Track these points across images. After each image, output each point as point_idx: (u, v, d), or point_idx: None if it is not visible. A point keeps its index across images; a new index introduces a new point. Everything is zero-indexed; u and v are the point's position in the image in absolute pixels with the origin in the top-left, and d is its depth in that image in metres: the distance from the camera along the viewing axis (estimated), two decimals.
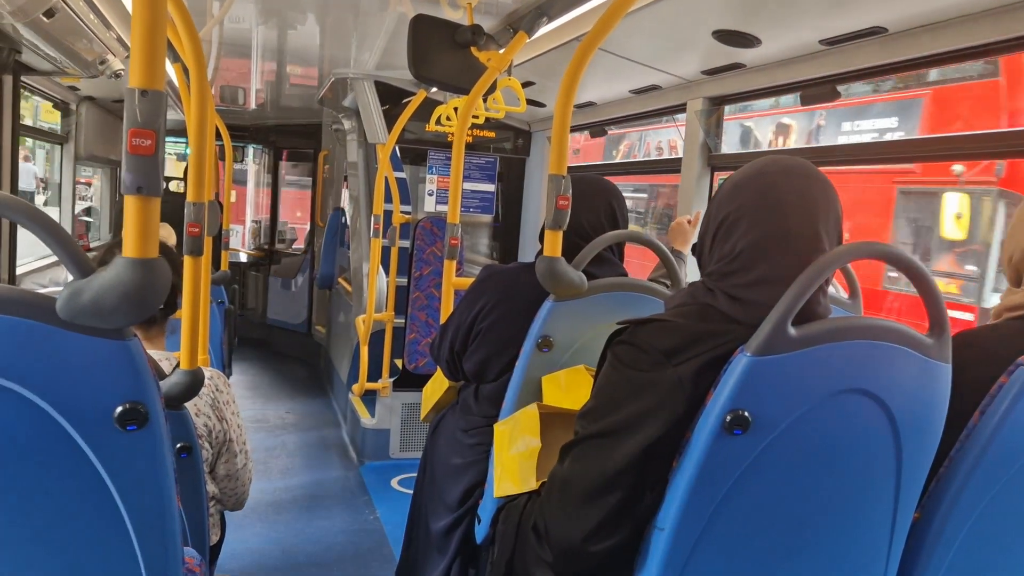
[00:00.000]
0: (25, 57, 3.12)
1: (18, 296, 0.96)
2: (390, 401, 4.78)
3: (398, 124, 4.33)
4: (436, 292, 4.71)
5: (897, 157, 4.32)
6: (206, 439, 2.08)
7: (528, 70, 3.94)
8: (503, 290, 2.11)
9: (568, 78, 1.89)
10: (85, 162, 5.75)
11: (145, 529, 1.08)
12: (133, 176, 0.99)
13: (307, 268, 8.01)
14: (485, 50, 2.83)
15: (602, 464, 1.24)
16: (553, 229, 1.88)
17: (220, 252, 4.69)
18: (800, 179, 1.26)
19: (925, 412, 1.24)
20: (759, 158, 1.33)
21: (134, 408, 1.00)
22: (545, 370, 1.92)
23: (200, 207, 1.91)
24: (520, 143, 5.73)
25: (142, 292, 0.97)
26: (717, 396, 1.16)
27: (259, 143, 9.03)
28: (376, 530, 3.84)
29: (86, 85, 4.85)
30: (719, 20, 2.63)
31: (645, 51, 3.22)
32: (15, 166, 3.38)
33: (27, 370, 0.96)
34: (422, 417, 2.60)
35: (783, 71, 2.86)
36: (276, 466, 4.71)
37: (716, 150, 3.40)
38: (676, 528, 1.21)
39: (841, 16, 2.36)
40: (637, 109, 4.06)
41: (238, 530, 3.62)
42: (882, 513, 1.27)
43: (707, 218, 1.37)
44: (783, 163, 1.29)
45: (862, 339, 1.18)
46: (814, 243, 1.23)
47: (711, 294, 1.29)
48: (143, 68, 0.98)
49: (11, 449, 0.99)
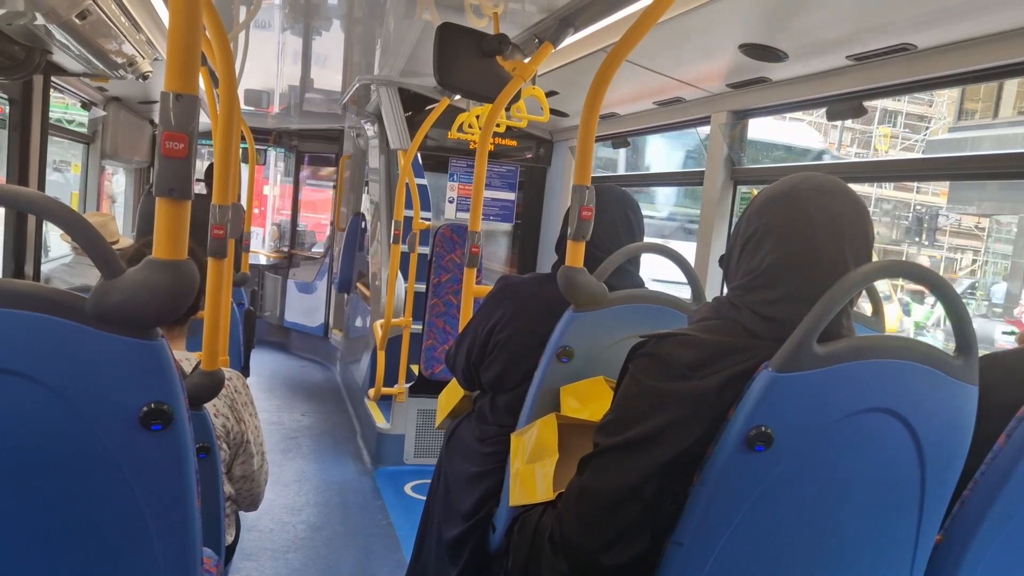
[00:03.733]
0: (56, 58, 3.16)
1: (47, 294, 0.97)
2: (406, 407, 4.78)
3: (421, 131, 4.34)
4: (454, 299, 4.72)
5: (933, 174, 4.29)
6: (224, 439, 2.09)
7: (551, 80, 3.95)
8: (520, 302, 2.11)
9: (594, 89, 1.89)
10: (111, 162, 5.81)
11: (166, 528, 1.08)
12: (165, 178, 1.00)
13: (326, 272, 8.05)
14: (510, 59, 2.84)
15: (621, 477, 1.24)
16: (576, 240, 1.88)
17: (240, 254, 4.72)
18: (830, 198, 1.25)
19: (951, 433, 1.22)
20: (792, 174, 1.33)
21: (159, 408, 1.01)
22: (564, 380, 1.92)
23: (225, 209, 1.93)
24: (542, 152, 5.74)
25: (172, 293, 0.98)
26: (739, 411, 1.16)
27: (281, 147, 9.09)
28: (389, 535, 3.83)
29: (114, 85, 4.90)
30: (746, 34, 2.62)
31: (670, 63, 3.22)
32: (43, 164, 3.42)
33: (55, 367, 0.97)
34: (437, 424, 2.60)
35: (809, 86, 2.85)
36: (290, 468, 4.72)
37: (739, 163, 3.39)
38: (694, 543, 1.21)
39: (869, 33, 2.35)
40: (660, 121, 4.05)
41: (252, 532, 3.63)
42: (904, 534, 1.26)
43: (736, 231, 1.36)
44: (815, 181, 1.28)
45: (888, 358, 1.17)
46: (838, 264, 1.22)
47: (735, 309, 1.28)
48: (178, 73, 0.99)
49: (37, 445, 0.99)
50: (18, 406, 0.97)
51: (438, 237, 4.71)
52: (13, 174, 3.29)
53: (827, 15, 2.33)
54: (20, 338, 0.96)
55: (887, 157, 18.96)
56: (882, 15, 2.22)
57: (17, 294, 0.96)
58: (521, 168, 5.78)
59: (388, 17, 3.60)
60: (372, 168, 6.00)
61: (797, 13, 2.38)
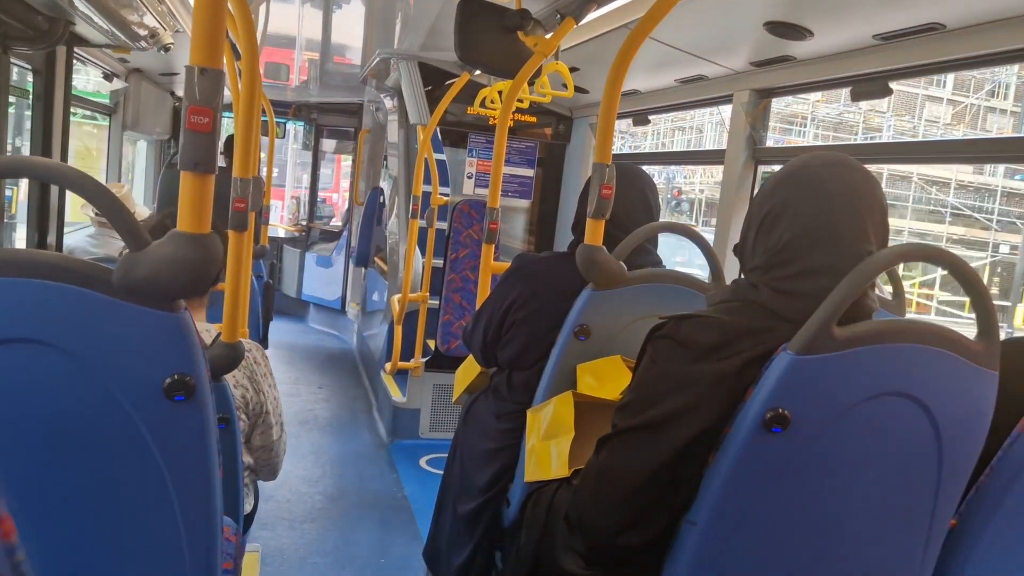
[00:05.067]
0: (78, 29, 3.17)
1: (75, 265, 0.99)
2: (422, 381, 4.81)
3: (440, 106, 4.33)
4: (471, 275, 4.72)
5: (945, 157, 4.23)
6: (243, 410, 2.12)
7: (573, 56, 3.91)
8: (537, 280, 2.11)
9: (616, 67, 1.87)
10: (132, 133, 5.84)
11: (188, 498, 1.11)
12: (190, 152, 1.00)
13: (344, 246, 8.08)
14: (532, 35, 2.81)
15: (639, 458, 1.25)
16: (595, 218, 1.87)
17: (259, 227, 4.74)
18: (844, 170, 1.26)
19: (969, 419, 1.22)
20: (801, 154, 1.33)
21: (182, 379, 1.03)
22: (581, 358, 1.92)
23: (247, 183, 1.94)
24: (561, 129, 5.70)
25: (196, 266, 0.99)
26: (757, 393, 1.16)
27: (300, 120, 9.10)
28: (404, 508, 3.87)
29: (136, 57, 4.91)
30: (771, 11, 2.58)
31: (693, 40, 3.18)
32: (66, 135, 3.44)
33: (82, 338, 0.99)
34: (454, 400, 2.62)
35: (834, 65, 2.81)
36: (307, 440, 4.77)
37: (761, 143, 3.35)
38: (709, 523, 1.22)
39: (897, 11, 2.31)
40: (682, 99, 4.02)
41: (268, 502, 3.68)
42: (919, 518, 1.26)
43: (749, 215, 1.36)
44: (825, 156, 1.29)
45: (908, 342, 1.17)
46: (859, 232, 1.22)
47: (755, 290, 1.28)
48: (203, 47, 0.99)
49: (63, 414, 1.01)
50: (45, 375, 0.99)
51: (456, 212, 4.70)
52: (37, 145, 3.32)
53: None
54: (48, 309, 0.97)
55: (911, 139, 18.37)
56: None
57: (44, 265, 0.97)
58: (540, 144, 5.76)
59: None
60: (391, 142, 5.99)
61: None
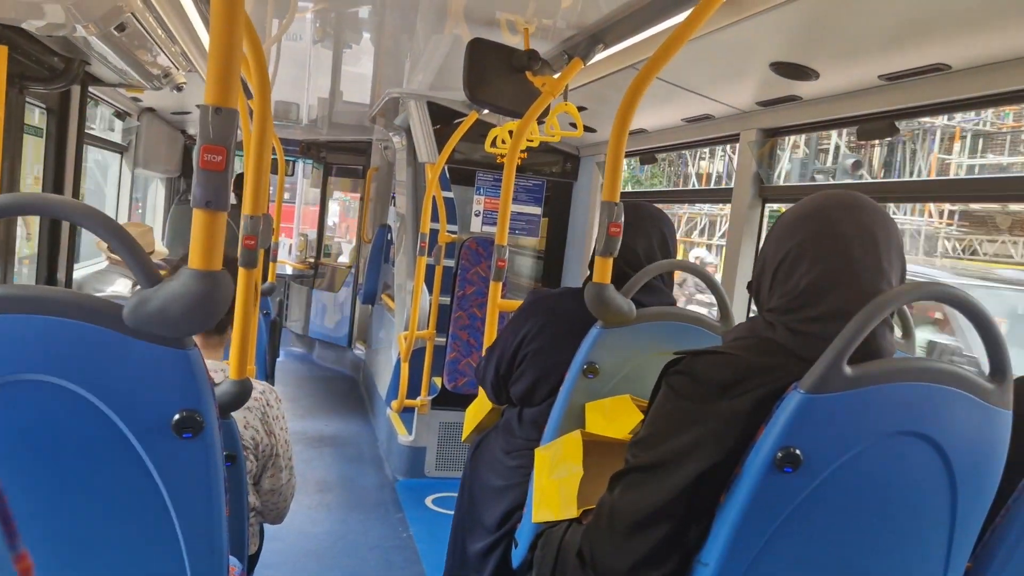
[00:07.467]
0: (92, 68, 3.22)
1: (86, 302, 0.99)
2: (428, 419, 4.78)
3: (448, 144, 4.37)
4: (479, 312, 4.73)
5: (958, 196, 4.25)
6: (252, 452, 2.10)
7: (580, 95, 3.95)
8: (549, 314, 2.11)
9: (624, 106, 1.89)
10: (143, 171, 5.90)
11: (194, 535, 1.10)
12: (203, 190, 1.01)
13: (351, 283, 8.10)
14: (540, 75, 2.85)
15: (652, 495, 1.23)
16: (603, 255, 1.88)
17: (268, 264, 4.76)
18: (859, 212, 1.26)
19: (983, 459, 1.20)
20: (814, 194, 1.33)
21: (191, 416, 1.02)
22: (589, 396, 1.91)
23: (257, 220, 1.95)
24: (568, 167, 5.75)
25: (207, 303, 0.99)
26: (768, 432, 1.15)
27: (309, 158, 9.19)
28: (409, 547, 3.83)
29: (148, 96, 4.98)
30: (777, 52, 2.61)
31: (700, 80, 3.22)
32: (78, 173, 3.48)
33: (91, 374, 0.99)
34: (463, 438, 2.60)
35: (840, 105, 2.83)
36: (312, 478, 4.74)
37: (768, 181, 3.37)
38: (721, 564, 1.20)
39: (903, 52, 2.33)
40: (689, 137, 4.04)
41: (273, 541, 3.65)
42: (934, 561, 1.24)
43: (763, 256, 1.36)
44: (839, 197, 1.29)
45: (919, 381, 1.16)
46: (877, 274, 1.22)
47: (771, 328, 1.27)
48: (218, 87, 1.00)
49: (72, 450, 1.01)
50: (54, 411, 0.99)
51: (463, 250, 4.72)
52: (48, 183, 3.35)
53: (859, 34, 2.32)
54: (58, 345, 0.97)
55: (915, 179, 18.35)
56: (915, 35, 2.20)
57: (55, 301, 0.98)
58: (547, 182, 5.79)
59: (418, 32, 3.63)
60: (399, 180, 6.04)
61: (829, 32, 2.37)
